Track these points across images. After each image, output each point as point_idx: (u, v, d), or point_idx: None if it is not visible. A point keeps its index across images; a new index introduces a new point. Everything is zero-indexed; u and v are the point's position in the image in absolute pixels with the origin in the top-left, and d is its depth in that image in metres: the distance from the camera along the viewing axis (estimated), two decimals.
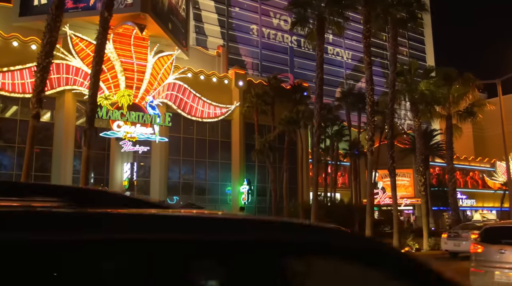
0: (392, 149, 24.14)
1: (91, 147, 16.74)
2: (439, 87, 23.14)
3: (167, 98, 38.78)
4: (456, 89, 23.68)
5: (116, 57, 35.10)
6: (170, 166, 40.26)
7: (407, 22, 25.11)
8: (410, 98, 23.95)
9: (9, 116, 34.69)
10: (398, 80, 24.23)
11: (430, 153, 47.93)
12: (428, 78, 23.49)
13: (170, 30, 38.76)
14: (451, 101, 24.39)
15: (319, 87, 22.58)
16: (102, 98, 33.77)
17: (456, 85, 23.79)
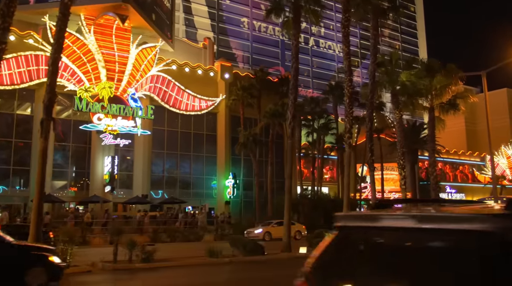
0: (371, 142, 23.59)
1: (48, 139, 15.87)
2: (421, 78, 22.56)
3: (151, 90, 38.10)
4: (438, 80, 23.09)
5: (97, 48, 34.37)
6: (154, 160, 39.63)
7: (388, 12, 24.49)
8: (391, 89, 23.37)
9: None
10: (379, 71, 23.69)
11: (418, 147, 47.50)
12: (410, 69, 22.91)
13: (153, 21, 38.04)
14: (434, 93, 23.83)
15: (294, 77, 21.97)
16: (82, 91, 33.11)
17: (438, 77, 23.20)
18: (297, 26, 21.06)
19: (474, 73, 26.87)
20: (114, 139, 34.00)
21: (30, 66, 33.38)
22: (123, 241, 15.15)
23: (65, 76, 34.11)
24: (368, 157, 23.48)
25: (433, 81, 23.04)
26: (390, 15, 25.36)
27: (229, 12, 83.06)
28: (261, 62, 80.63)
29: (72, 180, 36.36)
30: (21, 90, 33.85)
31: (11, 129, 33.90)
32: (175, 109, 39.77)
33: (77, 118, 35.73)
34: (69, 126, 35.63)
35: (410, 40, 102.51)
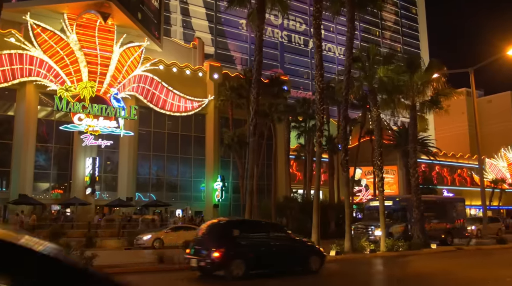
0: (346, 141, 22.60)
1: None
2: (399, 74, 21.51)
3: (136, 91, 37.31)
4: (419, 76, 22.02)
5: (79, 47, 33.66)
6: (140, 161, 38.82)
7: (365, 5, 23.54)
8: (369, 86, 22.35)
9: None
10: (356, 67, 22.74)
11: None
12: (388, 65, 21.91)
13: (139, 20, 37.34)
14: (415, 90, 22.81)
15: (257, 71, 21.17)
16: (62, 90, 32.40)
17: (419, 72, 22.17)
18: (261, 16, 20.21)
19: (461, 71, 25.83)
20: (95, 140, 33.23)
21: (11, 65, 32.70)
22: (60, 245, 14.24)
23: (48, 77, 33.46)
24: (342, 157, 22.46)
25: (413, 77, 22.04)
26: (368, 8, 24.33)
27: (227, 14, 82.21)
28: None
29: (54, 182, 35.60)
30: (2, 89, 33.18)
31: None
32: (161, 110, 38.96)
33: (60, 119, 35.05)
34: (52, 127, 34.98)
35: (412, 43, 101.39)
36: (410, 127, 25.64)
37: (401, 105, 24.17)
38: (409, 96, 23.26)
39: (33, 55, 33.10)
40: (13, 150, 33.43)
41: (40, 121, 34.68)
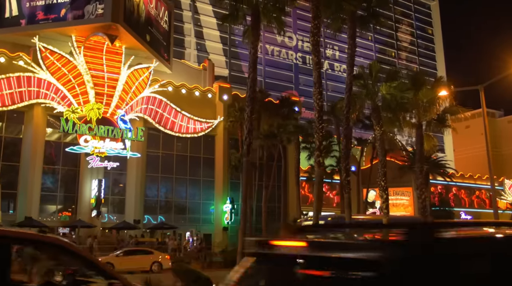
0: (346, 161, 21.91)
1: None
2: (403, 91, 20.80)
3: (144, 112, 37.16)
4: (424, 93, 21.30)
5: (86, 69, 33.73)
6: (148, 183, 38.43)
7: (367, 22, 22.98)
8: (371, 104, 21.69)
9: None
10: (358, 84, 22.14)
11: (430, 170, 45.13)
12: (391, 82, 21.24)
13: (148, 42, 37.36)
14: (421, 108, 22.08)
15: (250, 89, 20.65)
16: (69, 112, 32.39)
17: (424, 90, 21.43)
18: (256, 33, 19.79)
19: (470, 88, 25.05)
20: (101, 162, 33.01)
21: (20, 87, 32.87)
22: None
23: (56, 99, 33.54)
24: (343, 178, 21.73)
25: (418, 94, 21.31)
26: (371, 25, 23.79)
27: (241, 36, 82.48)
28: (274, 86, 79.77)
29: (61, 204, 35.37)
30: (11, 112, 33.32)
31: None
32: (170, 131, 38.72)
33: (68, 141, 35.00)
34: (59, 149, 34.90)
35: (428, 63, 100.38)
36: (417, 147, 24.87)
37: (407, 124, 23.41)
38: (414, 114, 22.50)
39: (41, 77, 33.26)
40: (20, 172, 33.38)
41: (48, 143, 34.65)
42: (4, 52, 33.17)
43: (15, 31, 34.37)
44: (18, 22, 34.48)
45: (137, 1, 36.15)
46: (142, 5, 36.82)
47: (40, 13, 34.16)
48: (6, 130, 34.11)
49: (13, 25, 34.48)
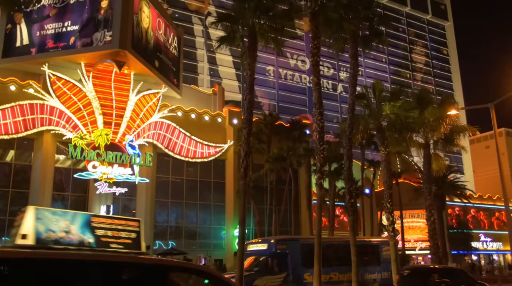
0: (350, 183, 21.34)
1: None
2: (407, 110, 20.30)
3: (153, 137, 37.16)
4: (430, 112, 20.74)
5: (95, 96, 33.93)
6: (158, 209, 38.18)
7: (370, 41, 22.64)
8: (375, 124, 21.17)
9: None
10: (362, 105, 21.74)
11: (446, 192, 44.15)
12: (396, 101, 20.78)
13: (156, 68, 37.55)
14: (428, 127, 21.48)
15: (247, 111, 20.30)
16: (77, 138, 32.48)
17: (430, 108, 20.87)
18: (253, 54, 19.53)
19: (481, 106, 24.45)
20: (109, 188, 32.90)
21: (30, 115, 33.16)
22: None
23: (66, 127, 33.72)
24: (347, 200, 21.15)
25: (424, 113, 20.78)
26: (373, 44, 23.44)
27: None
28: (288, 110, 79.79)
29: None
30: (20, 139, 33.59)
31: (9, 178, 33.43)
32: (180, 156, 38.60)
33: (77, 167, 35.05)
34: (69, 176, 34.92)
35: (444, 83, 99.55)
36: (424, 167, 24.19)
37: (414, 144, 22.83)
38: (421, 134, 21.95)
39: (50, 105, 33.50)
40: (30, 199, 33.36)
41: (57, 170, 34.74)
42: (14, 80, 33.61)
43: (25, 60, 34.85)
44: (29, 50, 34.98)
45: (146, 28, 36.49)
46: (150, 32, 37.15)
47: (50, 42, 34.63)
48: (16, 157, 34.33)
49: (24, 53, 34.97)
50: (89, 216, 15.89)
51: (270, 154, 36.93)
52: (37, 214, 13.26)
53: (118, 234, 16.50)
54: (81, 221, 15.20)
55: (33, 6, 35.79)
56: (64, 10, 35.11)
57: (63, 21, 34.74)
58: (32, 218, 12.97)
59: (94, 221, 16.18)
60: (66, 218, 14.51)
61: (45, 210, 14.10)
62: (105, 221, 16.58)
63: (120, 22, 33.40)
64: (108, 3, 34.22)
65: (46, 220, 13.73)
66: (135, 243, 16.48)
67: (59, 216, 14.98)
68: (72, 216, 14.94)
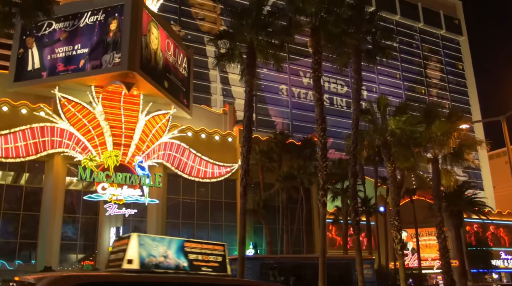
0: (355, 200, 20.84)
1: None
2: (413, 125, 19.84)
3: (163, 158, 37.13)
4: (438, 126, 20.25)
5: (105, 119, 34.06)
6: (168, 230, 37.88)
7: (374, 55, 22.30)
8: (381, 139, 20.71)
9: None
10: (366, 120, 21.37)
11: (463, 208, 43.16)
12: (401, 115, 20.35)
13: (166, 88, 37.66)
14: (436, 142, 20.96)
15: (246, 128, 20.04)
16: (86, 160, 32.55)
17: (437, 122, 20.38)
18: (251, 71, 19.33)
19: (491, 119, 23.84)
20: (119, 210, 32.80)
21: (40, 137, 33.40)
22: None
23: (76, 149, 33.87)
24: (352, 218, 20.64)
25: (431, 128, 20.30)
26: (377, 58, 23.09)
27: (267, 80, 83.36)
28: (301, 128, 79.45)
29: (81, 253, 35.10)
30: (32, 162, 33.79)
31: (20, 201, 33.56)
32: (190, 177, 38.46)
33: (88, 189, 35.06)
34: (80, 198, 34.93)
35: (461, 98, 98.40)
36: (433, 183, 23.57)
37: (423, 159, 22.31)
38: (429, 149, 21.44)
39: (61, 127, 33.72)
40: (40, 222, 33.46)
41: (68, 192, 34.81)
42: (25, 104, 33.97)
43: (36, 83, 35.23)
44: (40, 74, 35.39)
45: (155, 49, 36.72)
46: (159, 53, 37.37)
47: (61, 65, 35.01)
48: (27, 180, 34.51)
49: (35, 77, 35.38)
50: (182, 241, 16.63)
51: (280, 172, 36.56)
52: (140, 241, 14.25)
53: (207, 258, 17.14)
54: (176, 246, 16.04)
55: (44, 30, 36.31)
56: (74, 33, 35.55)
57: (73, 45, 35.15)
58: (136, 244, 13.95)
59: (187, 246, 16.85)
60: (164, 244, 15.57)
61: (145, 236, 15.00)
62: (196, 246, 17.11)
63: (129, 44, 33.64)
64: (117, 26, 34.58)
65: (147, 246, 14.66)
66: (221, 266, 17.09)
67: (158, 242, 15.91)
68: (168, 242, 15.85)
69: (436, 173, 22.53)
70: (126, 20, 34.26)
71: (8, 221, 33.10)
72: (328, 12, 17.55)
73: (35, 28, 36.32)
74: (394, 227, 21.54)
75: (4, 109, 33.51)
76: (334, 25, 17.85)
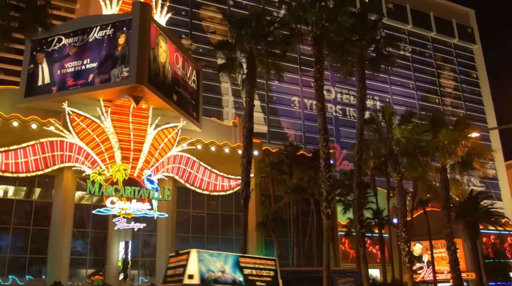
0: (360, 212, 20.33)
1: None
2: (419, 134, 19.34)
3: (173, 171, 37.00)
4: (445, 135, 19.72)
5: (114, 133, 34.08)
6: (178, 244, 37.46)
7: (378, 63, 21.92)
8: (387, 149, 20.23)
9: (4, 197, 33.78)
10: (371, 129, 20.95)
11: (478, 219, 42.15)
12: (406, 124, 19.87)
13: (175, 101, 37.60)
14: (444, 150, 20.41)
15: (246, 139, 19.77)
16: (95, 174, 32.50)
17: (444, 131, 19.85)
18: (251, 82, 19.15)
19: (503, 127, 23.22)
20: (127, 224, 32.63)
21: (50, 152, 33.53)
22: None
23: (85, 163, 33.89)
24: (357, 230, 20.14)
25: (437, 136, 19.80)
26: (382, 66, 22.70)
27: (279, 92, 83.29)
28: (314, 140, 78.67)
29: (91, 268, 34.94)
30: (41, 177, 33.89)
31: (29, 216, 33.57)
32: (200, 190, 38.26)
33: (98, 204, 34.99)
34: (90, 212, 34.85)
35: (476, 107, 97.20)
36: (442, 192, 23.01)
37: (431, 169, 21.77)
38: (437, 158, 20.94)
39: (70, 141, 33.81)
40: (50, 236, 33.46)
41: (77, 206, 34.78)
42: (35, 119, 34.13)
43: (46, 98, 35.38)
44: (50, 89, 35.57)
45: (163, 62, 36.75)
46: (168, 66, 37.39)
47: (70, 80, 35.16)
48: (37, 195, 34.57)
49: (45, 92, 35.54)
50: (237, 257, 17.71)
51: (289, 184, 36.18)
52: (199, 256, 15.24)
53: (261, 273, 18.09)
54: (232, 261, 17.13)
55: (54, 45, 36.58)
56: (83, 48, 35.73)
57: (83, 59, 35.31)
58: (196, 260, 14.97)
59: (242, 261, 17.91)
60: (221, 259, 16.60)
61: (204, 252, 16.12)
62: (250, 260, 18.07)
63: (137, 57, 33.67)
64: (125, 40, 34.68)
65: (206, 261, 15.76)
66: (274, 281, 17.99)
67: (215, 257, 17.12)
68: (224, 257, 16.88)
69: (445, 183, 21.98)
70: (134, 34, 34.35)
71: (18, 236, 33.11)
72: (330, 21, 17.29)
73: (45, 44, 36.66)
74: (401, 239, 21.01)
75: (15, 124, 33.69)
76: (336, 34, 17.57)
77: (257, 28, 17.04)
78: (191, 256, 14.90)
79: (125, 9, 37.50)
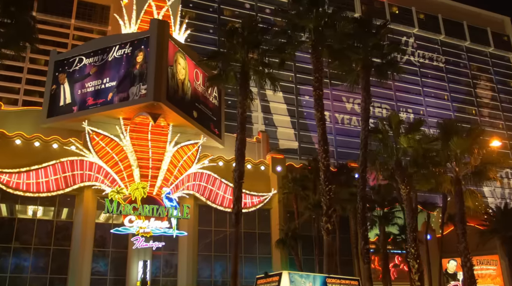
0: (364, 226, 19.08)
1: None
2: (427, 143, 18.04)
3: (193, 189, 36.49)
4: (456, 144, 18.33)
5: (132, 151, 33.92)
6: (200, 264, 36.90)
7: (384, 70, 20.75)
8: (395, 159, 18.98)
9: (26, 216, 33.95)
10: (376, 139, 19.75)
11: None
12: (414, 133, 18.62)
13: (195, 118, 37.24)
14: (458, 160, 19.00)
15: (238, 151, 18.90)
16: (114, 193, 32.29)
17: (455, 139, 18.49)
18: (244, 92, 18.33)
19: None
20: (146, 242, 32.15)
21: (70, 171, 33.61)
22: None
23: (105, 182, 33.81)
24: (362, 246, 18.89)
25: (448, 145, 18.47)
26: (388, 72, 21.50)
27: (309, 107, 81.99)
28: (346, 155, 77.31)
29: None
30: (62, 196, 33.96)
31: (50, 235, 33.58)
32: (222, 207, 37.56)
33: (117, 222, 34.75)
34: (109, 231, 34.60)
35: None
36: (456, 205, 21.44)
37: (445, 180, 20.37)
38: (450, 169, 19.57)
39: (90, 160, 33.82)
40: (71, 256, 33.32)
41: (98, 225, 34.62)
42: (57, 138, 34.38)
43: (67, 118, 35.64)
44: (71, 109, 35.85)
45: (182, 79, 36.55)
46: (187, 83, 37.17)
47: (90, 99, 35.36)
48: (58, 214, 34.61)
49: (66, 112, 35.83)
50: (324, 278, 18.04)
51: (310, 200, 35.05)
52: (290, 278, 16.11)
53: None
54: (320, 282, 17.51)
55: (75, 66, 36.97)
56: (103, 67, 35.95)
57: (102, 78, 35.49)
58: (287, 281, 15.95)
59: (328, 281, 18.08)
60: (310, 280, 17.22)
61: (294, 273, 17.20)
62: (335, 281, 18.06)
63: (154, 74, 33.55)
64: (143, 58, 34.68)
65: (297, 282, 16.63)
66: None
67: (305, 278, 17.90)
68: (313, 278, 17.41)
69: (459, 194, 20.51)
70: (152, 52, 34.30)
71: (39, 256, 33.11)
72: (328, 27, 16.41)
73: (67, 65, 37.15)
74: (410, 255, 19.65)
75: (36, 144, 33.99)
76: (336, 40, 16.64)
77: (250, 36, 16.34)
78: (283, 278, 15.81)
79: (143, 28, 37.68)
